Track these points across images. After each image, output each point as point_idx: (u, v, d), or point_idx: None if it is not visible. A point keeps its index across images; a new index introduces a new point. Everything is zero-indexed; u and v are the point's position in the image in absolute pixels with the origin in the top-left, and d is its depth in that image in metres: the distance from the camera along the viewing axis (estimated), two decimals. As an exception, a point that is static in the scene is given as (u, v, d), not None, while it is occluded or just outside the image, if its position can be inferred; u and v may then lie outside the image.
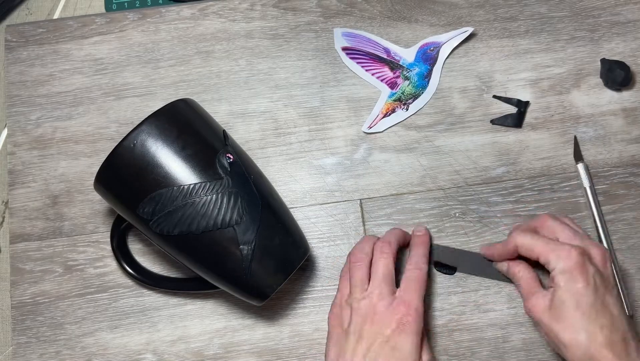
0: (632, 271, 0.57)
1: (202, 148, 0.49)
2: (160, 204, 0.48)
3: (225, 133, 0.52)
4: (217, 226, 0.48)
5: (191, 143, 0.49)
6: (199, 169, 0.48)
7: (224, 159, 0.50)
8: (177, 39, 0.63)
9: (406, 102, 0.61)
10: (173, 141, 0.48)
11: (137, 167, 0.48)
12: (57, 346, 0.57)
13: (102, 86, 0.62)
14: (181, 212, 0.48)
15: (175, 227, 0.48)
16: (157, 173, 0.48)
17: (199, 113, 0.52)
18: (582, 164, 0.58)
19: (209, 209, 0.48)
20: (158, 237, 0.49)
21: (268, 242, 0.49)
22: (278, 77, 0.62)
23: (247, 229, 0.49)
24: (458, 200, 0.59)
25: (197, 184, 0.48)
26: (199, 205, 0.48)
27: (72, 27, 0.64)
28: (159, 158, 0.48)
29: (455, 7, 0.63)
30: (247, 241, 0.49)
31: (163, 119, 0.49)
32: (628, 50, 0.62)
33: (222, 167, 0.49)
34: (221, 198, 0.48)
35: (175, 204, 0.48)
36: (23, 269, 0.58)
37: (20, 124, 0.62)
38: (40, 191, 0.60)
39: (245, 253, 0.49)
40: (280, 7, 0.64)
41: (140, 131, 0.48)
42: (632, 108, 0.61)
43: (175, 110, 0.50)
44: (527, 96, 0.61)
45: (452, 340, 0.56)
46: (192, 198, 0.48)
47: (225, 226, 0.48)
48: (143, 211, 0.48)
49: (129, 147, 0.48)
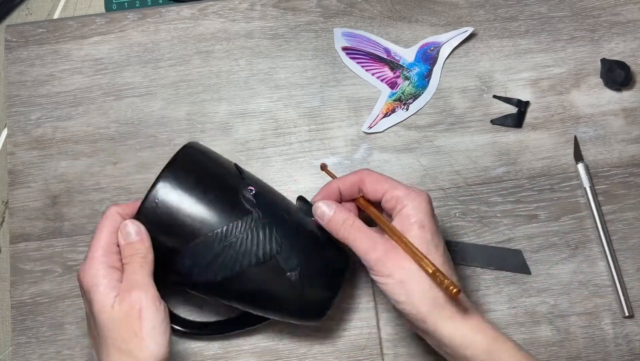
0: (632, 271, 0.57)
1: (223, 188, 0.48)
2: (198, 255, 0.46)
3: (238, 166, 0.51)
4: (260, 261, 0.47)
5: (211, 187, 0.48)
6: (227, 210, 0.47)
7: (247, 192, 0.48)
8: (177, 39, 0.63)
9: (406, 102, 0.61)
10: (193, 189, 0.47)
11: (165, 225, 0.47)
12: (57, 347, 0.57)
13: (102, 86, 0.62)
14: (222, 257, 0.47)
15: (219, 273, 0.47)
16: (186, 226, 0.46)
17: (208, 154, 0.51)
18: (582, 164, 0.58)
19: (248, 246, 0.47)
20: (202, 286, 0.48)
21: (312, 262, 0.48)
22: (278, 77, 0.62)
23: (289, 256, 0.48)
24: (458, 200, 0.59)
25: (230, 224, 0.47)
26: (237, 245, 0.47)
27: (72, 27, 0.64)
28: (185, 210, 0.46)
29: (455, 7, 0.63)
30: (292, 267, 0.48)
31: (177, 169, 0.48)
32: (628, 50, 0.62)
33: (248, 201, 0.48)
34: (256, 232, 0.47)
35: (214, 251, 0.46)
36: (23, 269, 0.58)
37: (20, 124, 0.62)
38: (40, 191, 0.60)
39: (294, 280, 0.48)
40: (280, 7, 0.64)
41: (159, 188, 0.47)
42: (632, 108, 0.61)
43: (186, 157, 0.49)
44: (527, 96, 0.61)
45: (452, 340, 0.56)
46: (228, 240, 0.46)
47: (267, 258, 0.47)
48: (182, 266, 0.47)
49: (151, 207, 0.46)
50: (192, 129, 0.61)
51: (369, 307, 0.57)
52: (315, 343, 0.56)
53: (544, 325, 0.56)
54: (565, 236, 0.58)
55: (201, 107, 0.61)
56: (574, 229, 0.58)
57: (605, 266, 0.56)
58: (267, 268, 0.47)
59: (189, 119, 0.61)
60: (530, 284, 0.57)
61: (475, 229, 0.58)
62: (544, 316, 0.56)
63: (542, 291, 0.56)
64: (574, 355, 0.55)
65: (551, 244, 0.57)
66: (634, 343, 0.55)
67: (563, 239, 0.58)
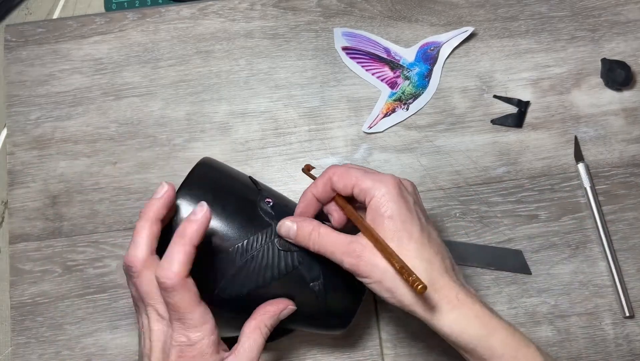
0: (632, 271, 0.57)
1: (240, 202, 0.48)
2: (220, 271, 0.46)
3: (253, 179, 0.51)
4: (283, 273, 0.47)
5: (229, 202, 0.48)
6: (246, 224, 0.47)
7: (265, 205, 0.48)
8: (176, 38, 0.63)
9: (406, 102, 0.61)
10: (211, 206, 0.46)
11: None
12: (56, 347, 0.56)
13: (101, 85, 0.62)
14: (244, 271, 0.46)
15: (243, 287, 0.47)
16: (208, 244, 0.46)
17: (222, 169, 0.51)
18: (582, 164, 0.58)
19: (270, 259, 0.47)
20: (227, 302, 0.47)
21: (334, 271, 0.48)
22: (278, 77, 0.62)
23: (312, 266, 0.47)
24: (458, 200, 0.58)
25: (250, 238, 0.46)
26: (259, 258, 0.46)
27: (72, 27, 0.64)
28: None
29: (455, 6, 0.63)
30: (315, 277, 0.47)
31: (193, 187, 0.47)
32: (629, 50, 0.62)
33: (266, 213, 0.48)
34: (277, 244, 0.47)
35: (236, 266, 0.46)
36: (22, 270, 0.58)
37: (20, 124, 0.61)
38: (40, 191, 0.60)
39: (318, 289, 0.47)
40: (280, 7, 0.64)
41: (177, 208, 0.46)
42: (633, 108, 0.60)
43: (201, 174, 0.49)
44: (528, 96, 0.61)
45: (452, 341, 0.56)
46: (249, 254, 0.46)
47: (290, 270, 0.47)
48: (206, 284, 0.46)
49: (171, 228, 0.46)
50: (191, 129, 0.61)
51: (369, 307, 0.57)
52: (315, 343, 0.56)
53: (544, 325, 0.56)
54: (565, 236, 0.58)
55: (201, 107, 0.61)
56: (575, 229, 0.58)
57: (606, 267, 0.56)
58: (291, 279, 0.47)
59: (188, 119, 0.61)
60: (531, 285, 0.57)
61: (476, 229, 0.58)
62: (544, 316, 0.56)
63: (542, 291, 0.56)
64: (575, 355, 0.55)
65: (551, 244, 0.57)
66: (635, 344, 0.55)
67: (563, 239, 0.57)
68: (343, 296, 0.49)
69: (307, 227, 0.46)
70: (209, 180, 0.49)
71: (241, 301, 0.47)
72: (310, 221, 0.46)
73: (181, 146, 0.60)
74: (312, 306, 0.48)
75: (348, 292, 0.49)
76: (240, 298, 0.47)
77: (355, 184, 0.45)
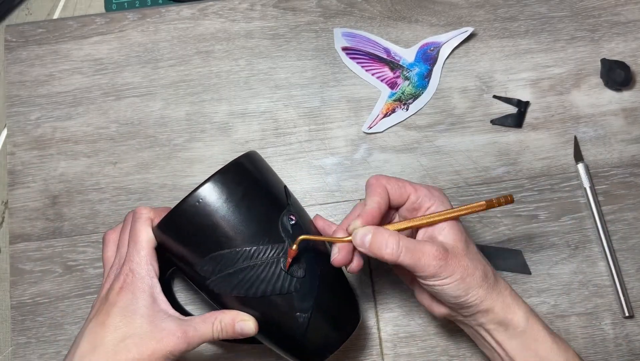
0: (632, 271, 0.57)
1: (266, 209, 0.48)
2: (220, 265, 0.46)
3: (287, 190, 0.51)
4: (276, 292, 0.46)
5: (256, 204, 0.47)
6: (262, 232, 0.46)
7: (287, 221, 0.48)
8: (177, 39, 0.63)
9: (406, 102, 0.61)
10: (238, 202, 0.46)
11: (201, 226, 0.46)
12: (56, 347, 0.56)
13: (101, 86, 0.62)
14: (242, 275, 0.46)
15: (233, 289, 0.46)
16: (220, 234, 0.46)
17: (263, 170, 0.50)
18: (582, 164, 0.58)
19: (269, 274, 0.46)
20: (213, 294, 0.48)
21: (325, 310, 0.48)
22: (278, 77, 0.62)
23: (305, 297, 0.47)
24: (458, 200, 0.59)
25: (260, 247, 0.46)
26: (260, 269, 0.46)
27: (72, 27, 0.64)
28: (224, 219, 0.46)
29: (455, 7, 0.63)
30: (304, 308, 0.47)
31: (230, 177, 0.47)
32: (628, 51, 0.62)
33: (285, 230, 0.47)
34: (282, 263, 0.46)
35: (236, 266, 0.46)
36: (23, 270, 0.58)
37: (20, 124, 0.61)
38: (40, 191, 0.60)
39: (302, 321, 0.47)
40: (280, 7, 0.64)
41: (206, 189, 0.46)
42: (632, 108, 0.61)
43: (242, 168, 0.48)
44: (527, 96, 0.61)
45: (452, 341, 0.56)
46: (253, 261, 0.46)
47: (284, 292, 0.46)
48: (202, 269, 0.47)
49: (193, 204, 0.46)
50: (191, 129, 0.61)
51: (369, 307, 0.57)
52: (315, 343, 0.56)
53: (544, 325, 0.56)
54: (565, 236, 0.58)
55: (201, 107, 0.61)
56: (574, 229, 0.58)
57: (605, 266, 0.56)
58: (280, 301, 0.47)
59: (188, 119, 0.61)
60: (530, 285, 0.57)
61: (476, 229, 0.58)
62: (544, 316, 0.56)
63: (542, 291, 0.56)
64: (574, 355, 0.55)
65: (551, 244, 0.57)
66: (634, 344, 0.55)
67: (563, 239, 0.58)
68: (323, 337, 0.49)
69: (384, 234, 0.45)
70: (245, 176, 0.48)
71: (226, 299, 0.47)
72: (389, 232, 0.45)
73: (181, 146, 0.60)
74: (290, 335, 0.48)
75: (329, 335, 0.49)
76: (226, 297, 0.47)
77: (411, 193, 0.47)
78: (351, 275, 0.56)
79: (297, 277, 0.47)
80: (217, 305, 0.49)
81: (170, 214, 0.47)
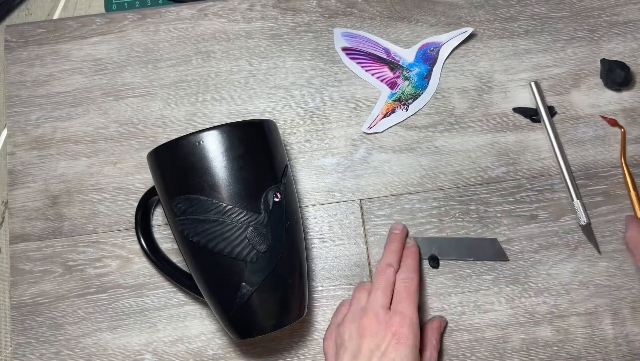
0: (632, 271, 0.57)
1: (257, 176, 0.48)
2: (193, 208, 0.47)
3: (287, 169, 0.51)
4: (232, 255, 0.47)
5: (250, 168, 0.48)
6: (243, 196, 0.47)
7: (272, 196, 0.49)
8: (176, 39, 0.63)
9: (406, 103, 0.61)
10: (235, 158, 0.47)
11: (191, 165, 0.47)
12: (56, 347, 0.57)
13: (101, 86, 0.62)
14: (208, 225, 0.47)
15: (196, 235, 0.48)
16: (205, 180, 0.47)
17: (270, 141, 0.51)
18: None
19: (233, 236, 0.47)
20: (177, 232, 0.49)
21: (270, 292, 0.48)
22: (278, 77, 0.62)
23: (257, 272, 0.48)
24: (458, 200, 0.59)
25: (235, 208, 0.47)
26: (226, 228, 0.47)
27: (72, 28, 0.64)
28: (214, 168, 0.47)
29: (455, 7, 0.63)
30: (252, 282, 0.48)
31: (236, 133, 0.48)
32: (628, 51, 0.62)
33: (266, 203, 0.48)
34: (250, 232, 0.47)
35: (206, 216, 0.47)
36: (23, 270, 0.58)
37: (20, 124, 0.62)
38: (40, 191, 0.60)
39: (244, 292, 0.48)
40: (280, 8, 0.64)
41: (210, 135, 0.47)
42: (632, 108, 0.61)
43: (251, 129, 0.49)
44: (526, 96, 0.61)
45: (452, 341, 0.56)
46: (223, 218, 0.47)
47: (239, 258, 0.47)
48: (176, 205, 0.48)
49: (194, 143, 0.47)
50: (191, 129, 0.61)
51: (369, 307, 0.57)
52: (314, 343, 0.56)
53: (543, 325, 0.56)
54: (565, 237, 0.58)
55: (201, 107, 0.61)
56: (574, 229, 0.58)
57: (605, 266, 0.56)
58: (232, 266, 0.48)
59: (188, 120, 0.61)
60: (530, 285, 0.57)
61: (475, 229, 0.58)
62: (543, 316, 0.56)
63: (542, 291, 0.56)
64: (574, 355, 0.55)
65: (551, 244, 0.57)
66: (634, 344, 0.55)
67: (563, 239, 0.58)
68: (257, 317, 0.49)
69: None
70: (253, 138, 0.49)
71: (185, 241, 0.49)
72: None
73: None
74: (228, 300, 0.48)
75: (264, 317, 0.49)
76: (186, 239, 0.48)
77: None
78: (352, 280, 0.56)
79: (258, 250, 0.47)
80: (178, 243, 0.50)
81: (169, 143, 0.48)
